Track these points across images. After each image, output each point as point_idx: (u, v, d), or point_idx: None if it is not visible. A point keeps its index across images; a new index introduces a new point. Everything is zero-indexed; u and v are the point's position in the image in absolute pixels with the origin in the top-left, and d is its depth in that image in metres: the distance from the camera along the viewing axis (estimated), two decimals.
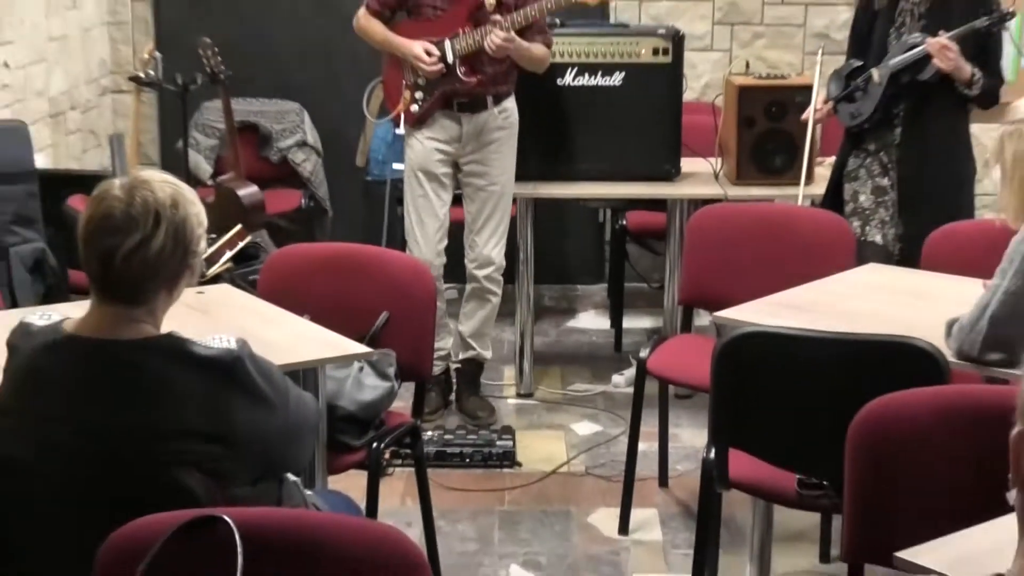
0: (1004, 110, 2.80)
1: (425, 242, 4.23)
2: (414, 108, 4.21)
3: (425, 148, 4.23)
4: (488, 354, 4.46)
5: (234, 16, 5.61)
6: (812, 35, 5.59)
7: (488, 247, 4.31)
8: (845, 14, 5.40)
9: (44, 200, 4.14)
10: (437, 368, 4.31)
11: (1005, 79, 3.99)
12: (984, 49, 3.85)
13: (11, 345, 2.07)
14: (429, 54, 4.11)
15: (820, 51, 4.39)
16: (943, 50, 3.74)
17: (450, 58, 4.13)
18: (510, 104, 4.29)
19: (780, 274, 3.32)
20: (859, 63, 3.99)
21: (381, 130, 5.19)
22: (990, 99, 3.87)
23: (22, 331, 2.06)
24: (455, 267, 4.50)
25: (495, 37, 4.03)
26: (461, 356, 4.43)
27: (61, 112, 5.02)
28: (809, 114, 4.15)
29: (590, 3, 4.14)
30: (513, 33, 4.06)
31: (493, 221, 4.31)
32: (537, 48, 4.18)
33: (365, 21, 4.25)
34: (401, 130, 4.29)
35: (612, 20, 5.25)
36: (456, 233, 4.40)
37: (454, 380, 4.47)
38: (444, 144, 4.23)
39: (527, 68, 4.24)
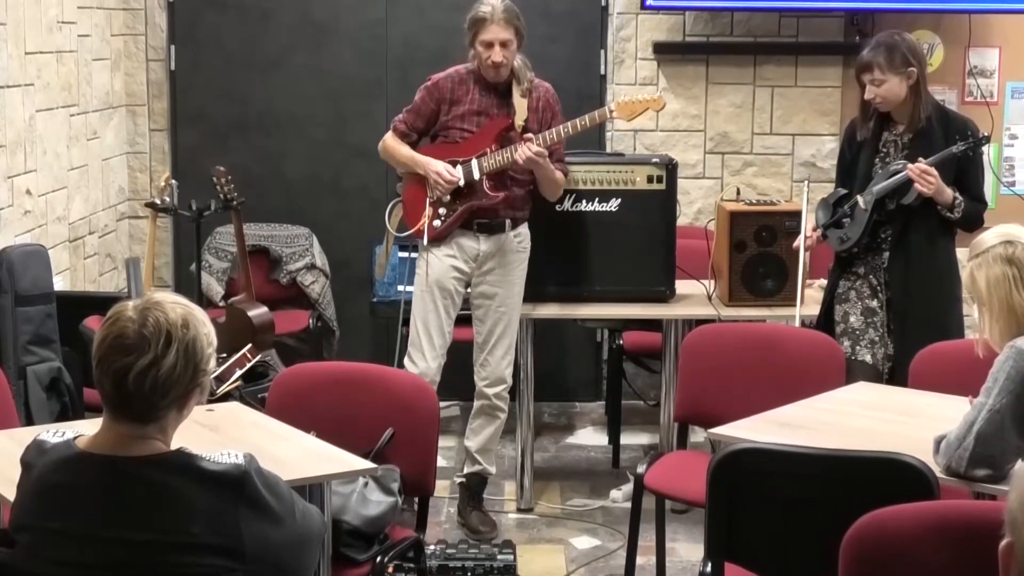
0: (970, 244, 2.81)
1: (432, 357, 4.26)
2: (436, 223, 4.26)
3: (443, 265, 4.28)
4: (493, 469, 4.48)
5: (247, 146, 5.73)
6: (799, 164, 5.69)
7: (501, 366, 4.35)
8: (830, 144, 5.52)
9: (61, 321, 4.18)
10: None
11: (987, 203, 4.06)
12: (965, 174, 3.94)
13: (25, 462, 2.09)
14: (448, 171, 4.18)
15: (806, 182, 4.51)
16: (923, 175, 3.83)
17: (476, 175, 4.21)
18: (524, 230, 4.37)
19: (772, 392, 3.36)
20: (845, 191, 4.08)
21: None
22: (974, 222, 3.94)
23: (36, 448, 2.09)
24: (458, 384, 4.55)
25: (529, 147, 4.10)
26: (466, 470, 4.43)
27: (80, 237, 5.08)
28: (800, 241, 4.22)
29: (626, 120, 4.16)
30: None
31: (505, 340, 4.35)
32: (558, 173, 4.29)
33: (392, 142, 4.32)
34: (424, 241, 4.28)
35: (608, 149, 5.35)
36: (456, 351, 4.42)
37: (457, 494, 4.45)
38: (461, 263, 4.29)
39: (546, 190, 4.32)
